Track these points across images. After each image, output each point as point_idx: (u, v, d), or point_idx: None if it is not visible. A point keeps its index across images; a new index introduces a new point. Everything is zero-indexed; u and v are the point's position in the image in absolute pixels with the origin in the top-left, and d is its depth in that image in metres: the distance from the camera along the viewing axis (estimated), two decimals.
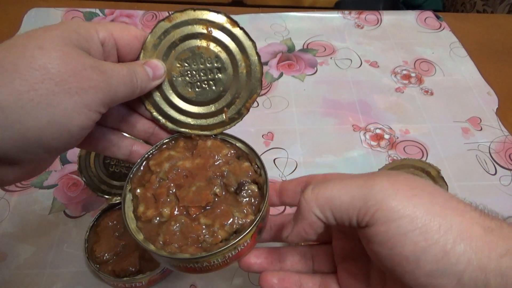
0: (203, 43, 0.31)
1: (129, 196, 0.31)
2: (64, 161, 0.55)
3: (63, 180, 0.52)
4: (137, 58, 0.30)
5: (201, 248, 0.28)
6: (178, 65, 0.31)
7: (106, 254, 0.42)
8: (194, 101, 0.32)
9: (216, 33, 0.31)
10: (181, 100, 0.32)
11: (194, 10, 0.30)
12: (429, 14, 0.83)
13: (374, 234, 0.23)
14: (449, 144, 0.60)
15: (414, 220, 0.22)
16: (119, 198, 0.46)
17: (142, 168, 0.32)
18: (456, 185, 0.54)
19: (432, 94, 0.68)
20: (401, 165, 0.46)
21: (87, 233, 0.44)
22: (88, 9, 0.78)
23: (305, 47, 0.76)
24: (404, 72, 0.71)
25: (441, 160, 0.58)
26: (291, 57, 0.73)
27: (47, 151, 0.24)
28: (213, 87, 0.32)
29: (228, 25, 0.31)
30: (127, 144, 0.32)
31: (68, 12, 0.77)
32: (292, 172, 0.55)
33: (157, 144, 0.33)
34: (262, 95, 0.66)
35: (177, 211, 0.29)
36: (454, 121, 0.63)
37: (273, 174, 0.54)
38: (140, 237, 0.28)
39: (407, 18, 0.83)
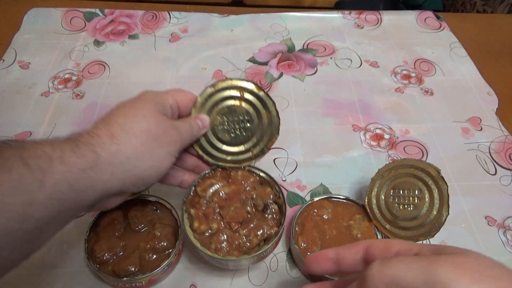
0: (237, 102, 0.43)
1: (185, 215, 0.41)
2: None
3: None
4: (189, 113, 0.41)
5: (242, 251, 0.39)
6: (219, 118, 0.43)
7: (106, 254, 0.42)
8: (229, 143, 0.43)
9: (247, 96, 0.43)
10: (220, 142, 0.43)
11: (232, 79, 0.42)
12: (429, 14, 0.83)
13: None
14: (449, 144, 0.60)
15: None
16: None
17: (192, 194, 0.43)
18: (456, 185, 0.54)
19: (432, 94, 0.68)
20: (401, 165, 0.46)
21: (87, 233, 0.44)
22: (88, 9, 0.78)
23: (305, 47, 0.76)
24: (404, 72, 0.71)
25: (441, 160, 0.58)
26: (291, 57, 0.73)
27: (145, 185, 0.35)
28: (243, 133, 0.43)
29: (255, 90, 0.43)
30: (179, 175, 0.42)
31: (68, 12, 0.77)
32: (292, 172, 0.55)
33: (201, 174, 0.43)
34: None
35: (222, 226, 0.40)
36: (454, 121, 0.63)
37: (273, 174, 0.54)
38: (198, 245, 0.39)
39: (407, 18, 0.83)
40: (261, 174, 0.44)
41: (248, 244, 0.39)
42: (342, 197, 0.49)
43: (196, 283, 0.44)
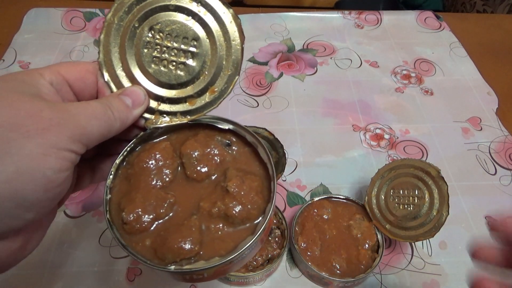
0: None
1: None
2: None
3: None
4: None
5: (249, 270, 0.42)
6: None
7: (143, 216, 0.25)
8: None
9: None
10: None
11: (257, 127, 0.43)
12: (429, 14, 0.83)
13: None
14: (449, 144, 0.60)
15: None
16: (167, 118, 0.29)
17: None
18: (456, 185, 0.54)
19: (432, 94, 0.68)
20: (401, 165, 0.46)
21: (111, 176, 0.27)
22: (88, 9, 0.78)
23: (305, 47, 0.76)
24: (404, 72, 0.71)
25: (441, 160, 0.58)
26: (291, 57, 0.73)
27: (26, 209, 0.22)
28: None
29: (266, 134, 0.45)
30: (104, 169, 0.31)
31: (68, 12, 0.77)
32: (292, 172, 0.55)
33: None
34: (262, 95, 0.66)
35: None
36: (454, 121, 0.63)
37: None
38: None
39: (407, 18, 0.83)
40: None
41: (254, 263, 0.42)
42: (342, 197, 0.49)
43: (196, 284, 0.44)
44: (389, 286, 0.45)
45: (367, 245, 0.44)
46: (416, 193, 0.45)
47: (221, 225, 0.27)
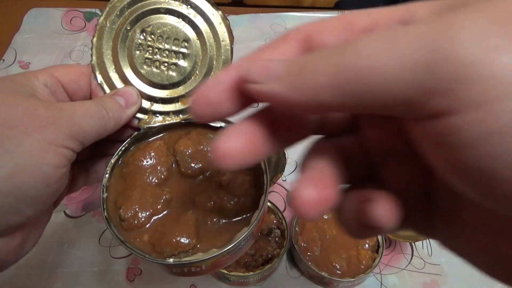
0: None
1: None
2: None
3: None
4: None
5: (248, 269, 0.42)
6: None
7: (140, 214, 0.26)
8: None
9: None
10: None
11: None
12: None
13: (456, 128, 0.11)
14: None
15: None
16: (160, 117, 0.31)
17: None
18: None
19: None
20: None
21: (107, 175, 0.28)
22: (88, 9, 0.78)
23: None
24: None
25: None
26: None
27: (27, 204, 0.22)
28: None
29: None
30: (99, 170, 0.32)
31: (68, 12, 0.77)
32: (292, 171, 0.55)
33: None
34: None
35: None
36: None
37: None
38: None
39: None
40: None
41: (254, 263, 0.43)
42: None
43: (196, 283, 0.44)
44: (389, 286, 0.45)
45: (367, 245, 0.44)
46: None
47: (216, 218, 0.27)
